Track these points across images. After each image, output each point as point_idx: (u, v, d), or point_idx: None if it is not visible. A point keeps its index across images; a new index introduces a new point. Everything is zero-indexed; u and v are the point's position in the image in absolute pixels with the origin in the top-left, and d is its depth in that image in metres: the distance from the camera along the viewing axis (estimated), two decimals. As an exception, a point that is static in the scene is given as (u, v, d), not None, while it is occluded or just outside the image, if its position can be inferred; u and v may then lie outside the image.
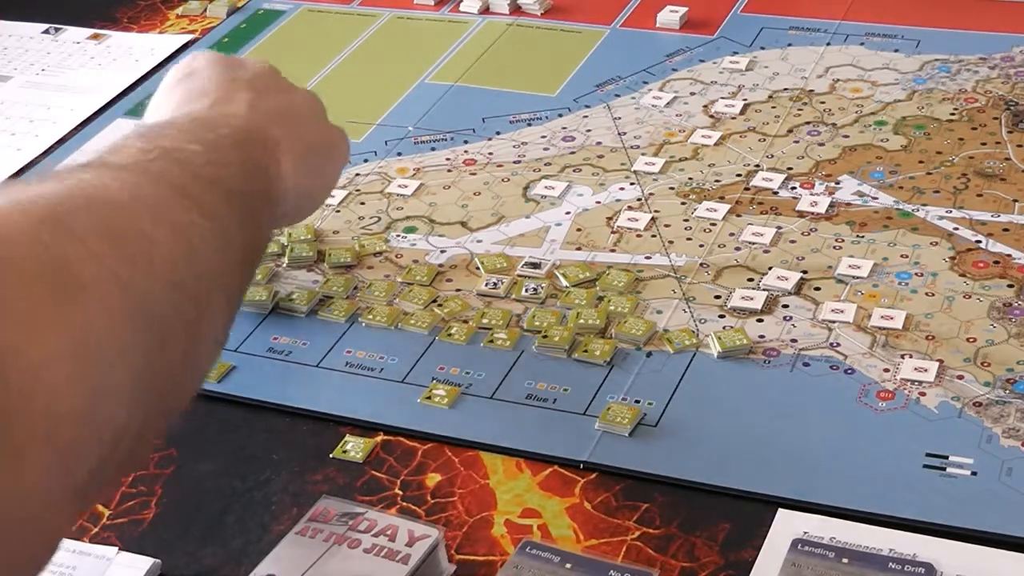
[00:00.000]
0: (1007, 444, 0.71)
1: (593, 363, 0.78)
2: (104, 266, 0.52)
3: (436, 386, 0.78)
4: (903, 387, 0.75)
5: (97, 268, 0.51)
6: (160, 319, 0.54)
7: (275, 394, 0.79)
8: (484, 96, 1.07)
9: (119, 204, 0.56)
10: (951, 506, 0.67)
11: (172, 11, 1.26)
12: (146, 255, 0.55)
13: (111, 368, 0.50)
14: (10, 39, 1.24)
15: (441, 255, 0.89)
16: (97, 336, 0.50)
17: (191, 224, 0.59)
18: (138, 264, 0.54)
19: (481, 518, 0.70)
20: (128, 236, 0.55)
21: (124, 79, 1.15)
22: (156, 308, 0.54)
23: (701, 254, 0.87)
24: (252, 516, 0.71)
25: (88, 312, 0.50)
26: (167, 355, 0.55)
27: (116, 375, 0.50)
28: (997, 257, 0.84)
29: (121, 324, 0.51)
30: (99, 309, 0.50)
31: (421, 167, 0.99)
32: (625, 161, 0.97)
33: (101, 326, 0.50)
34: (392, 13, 1.21)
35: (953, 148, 0.95)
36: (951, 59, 1.06)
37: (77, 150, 1.05)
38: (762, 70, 1.07)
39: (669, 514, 0.69)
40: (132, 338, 0.52)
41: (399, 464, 0.73)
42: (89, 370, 0.49)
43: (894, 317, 0.79)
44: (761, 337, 0.79)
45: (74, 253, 0.51)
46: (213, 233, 0.60)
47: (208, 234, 0.60)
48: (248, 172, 0.68)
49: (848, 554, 0.64)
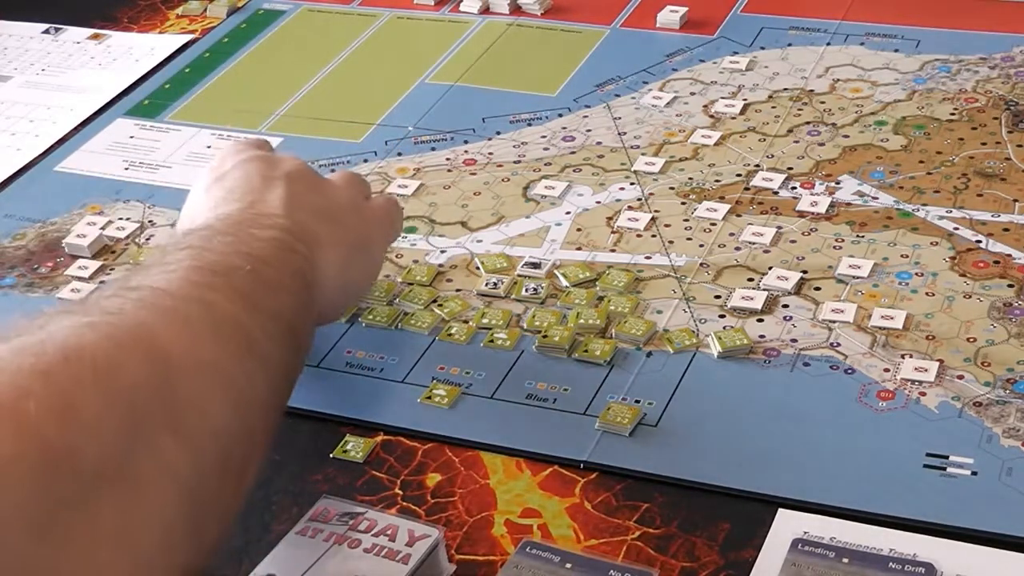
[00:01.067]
0: (1007, 444, 0.71)
1: (593, 363, 0.78)
2: (162, 461, 0.51)
3: (436, 386, 0.78)
4: (903, 387, 0.75)
5: (156, 464, 0.51)
6: (204, 504, 0.54)
7: (275, 394, 0.79)
8: (484, 96, 1.07)
9: (183, 370, 0.55)
10: (951, 506, 0.67)
11: (172, 11, 1.26)
12: (203, 434, 0.54)
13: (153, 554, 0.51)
14: (10, 39, 1.24)
15: (441, 255, 0.89)
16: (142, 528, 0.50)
17: (247, 377, 0.58)
18: (195, 454, 0.53)
19: (481, 518, 0.70)
20: (188, 418, 0.54)
21: (124, 79, 1.15)
22: (203, 494, 0.54)
23: (701, 254, 0.87)
24: (252, 516, 0.71)
25: (140, 508, 0.50)
26: (207, 532, 0.55)
27: (157, 559, 0.51)
28: (997, 257, 0.84)
29: (171, 518, 0.52)
30: (152, 506, 0.51)
31: (421, 167, 0.99)
32: (625, 161, 0.97)
33: (150, 521, 0.51)
34: (392, 13, 1.21)
35: (953, 148, 0.95)
36: (951, 59, 1.06)
37: (79, 149, 1.05)
38: (762, 70, 1.07)
39: (669, 514, 0.69)
40: (176, 526, 0.52)
41: (399, 464, 0.73)
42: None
43: (894, 317, 0.79)
44: (761, 337, 0.79)
45: (141, 451, 0.51)
46: (266, 379, 0.60)
47: (261, 382, 0.60)
48: (296, 284, 0.67)
49: (848, 554, 0.64)
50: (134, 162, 1.03)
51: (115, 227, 0.95)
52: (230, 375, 0.58)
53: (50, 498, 0.47)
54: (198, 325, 0.58)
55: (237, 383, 0.58)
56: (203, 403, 0.55)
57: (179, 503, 0.52)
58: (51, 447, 0.48)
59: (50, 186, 1.01)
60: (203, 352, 0.57)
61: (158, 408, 0.53)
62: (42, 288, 0.90)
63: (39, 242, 0.94)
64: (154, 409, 0.52)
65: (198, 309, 0.59)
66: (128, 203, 0.98)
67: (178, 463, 0.52)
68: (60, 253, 0.93)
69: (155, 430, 0.52)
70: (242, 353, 0.59)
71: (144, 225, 0.95)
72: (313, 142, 1.02)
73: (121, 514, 0.49)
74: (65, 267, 0.91)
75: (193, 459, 0.53)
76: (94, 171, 1.02)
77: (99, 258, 0.92)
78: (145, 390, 0.53)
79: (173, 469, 0.52)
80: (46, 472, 0.47)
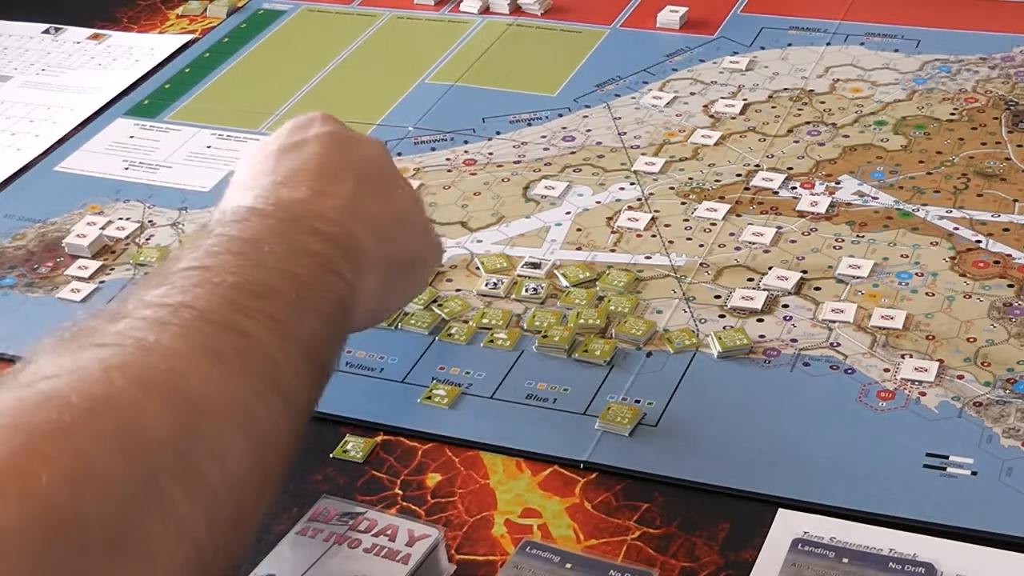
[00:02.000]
0: (1007, 444, 0.71)
1: (593, 363, 0.78)
2: (174, 521, 0.50)
3: (436, 386, 0.78)
4: (903, 387, 0.75)
5: (167, 526, 0.50)
6: (215, 556, 0.53)
7: (275, 394, 0.79)
8: (484, 96, 1.07)
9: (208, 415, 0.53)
10: (951, 506, 0.67)
11: (172, 11, 1.26)
12: (220, 487, 0.53)
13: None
14: (10, 39, 1.24)
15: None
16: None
17: (271, 418, 0.56)
18: (209, 508, 0.52)
19: (481, 518, 0.70)
20: (207, 470, 0.52)
21: (124, 79, 1.15)
22: (215, 547, 0.52)
23: (701, 254, 0.87)
24: (252, 516, 0.71)
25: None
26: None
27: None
28: (997, 257, 0.84)
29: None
30: (161, 573, 0.50)
31: (421, 167, 0.99)
32: (625, 161, 0.97)
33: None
34: (392, 13, 1.21)
35: (953, 148, 0.95)
36: (951, 59, 1.06)
37: (79, 149, 1.05)
38: (762, 70, 1.07)
39: (669, 514, 0.69)
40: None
41: (399, 464, 0.73)
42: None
43: (894, 317, 0.79)
44: (761, 337, 0.79)
45: (152, 512, 0.49)
46: (289, 419, 0.58)
47: (284, 423, 0.57)
48: (334, 314, 0.63)
49: (848, 554, 0.64)
50: (134, 162, 1.03)
51: (115, 227, 0.95)
52: (256, 416, 0.56)
53: (54, 571, 0.46)
54: (231, 359, 0.55)
55: (262, 425, 0.56)
56: (224, 450, 0.53)
57: (188, 562, 0.51)
58: (59, 515, 0.46)
59: (50, 186, 1.01)
60: (231, 390, 0.55)
61: (177, 463, 0.51)
62: (42, 288, 0.90)
63: (39, 242, 0.94)
64: (172, 464, 0.51)
65: (233, 340, 0.56)
66: (128, 203, 0.98)
67: (191, 520, 0.51)
68: (60, 253, 0.93)
69: (170, 485, 0.50)
70: (270, 391, 0.57)
71: (144, 225, 0.95)
72: (313, 142, 1.02)
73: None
74: (65, 267, 0.91)
75: (206, 513, 0.52)
76: (94, 171, 1.02)
77: (99, 258, 0.92)
78: (167, 444, 0.51)
79: (185, 528, 0.50)
80: (52, 544, 0.46)
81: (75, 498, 0.47)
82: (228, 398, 0.54)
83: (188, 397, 0.53)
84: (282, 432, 0.57)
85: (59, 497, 0.46)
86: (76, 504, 0.47)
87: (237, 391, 0.55)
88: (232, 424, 0.54)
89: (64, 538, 0.46)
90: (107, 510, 0.48)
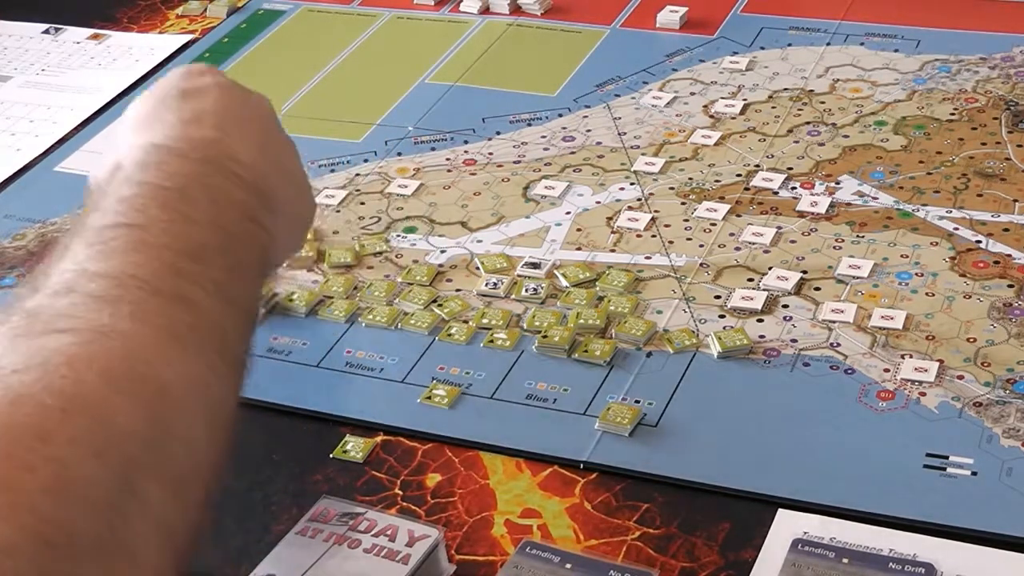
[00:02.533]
0: (1007, 444, 0.71)
1: (593, 363, 0.78)
2: (151, 515, 0.50)
3: (436, 386, 0.78)
4: (903, 387, 0.75)
5: (144, 521, 0.50)
6: (187, 538, 0.52)
7: (275, 394, 0.79)
8: (484, 96, 1.07)
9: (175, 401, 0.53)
10: (951, 506, 0.67)
11: (172, 11, 1.26)
12: (187, 472, 0.53)
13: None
14: (10, 39, 1.24)
15: (441, 255, 0.89)
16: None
17: (223, 387, 0.56)
18: (180, 495, 0.52)
19: (481, 518, 0.70)
20: (175, 456, 0.52)
21: (124, 79, 1.15)
22: (186, 529, 0.52)
23: (701, 254, 0.87)
24: (252, 516, 0.71)
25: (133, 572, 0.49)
26: (185, 555, 0.53)
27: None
28: (997, 257, 0.84)
29: (159, 567, 0.50)
30: (144, 566, 0.49)
31: (421, 167, 0.99)
32: (625, 161, 0.97)
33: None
34: (392, 13, 1.21)
35: (953, 148, 0.95)
36: (951, 59, 1.06)
37: (79, 149, 1.05)
38: (762, 70, 1.07)
39: (669, 514, 0.69)
40: (164, 571, 0.51)
41: (399, 464, 0.73)
42: None
43: (894, 317, 0.79)
44: (761, 337, 0.79)
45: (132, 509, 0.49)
46: (236, 385, 0.58)
47: (231, 390, 0.57)
48: (259, 266, 0.63)
49: (848, 554, 0.64)
50: (134, 162, 1.03)
51: (115, 227, 0.94)
52: (211, 391, 0.55)
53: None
54: (186, 337, 0.55)
55: (216, 398, 0.55)
56: (190, 434, 0.53)
57: (164, 550, 0.50)
58: (46, 528, 0.46)
59: (50, 186, 1.01)
60: (191, 369, 0.54)
61: (147, 456, 0.51)
62: (42, 288, 0.90)
63: (39, 242, 0.94)
64: (143, 459, 0.50)
65: (182, 313, 0.56)
66: (128, 203, 0.98)
67: (164, 510, 0.50)
68: (60, 253, 0.93)
69: (143, 481, 0.50)
70: (221, 361, 0.56)
71: (144, 225, 0.95)
72: (313, 142, 1.02)
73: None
74: (65, 267, 0.91)
75: (177, 501, 0.52)
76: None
77: (99, 258, 0.92)
78: (138, 439, 0.50)
79: (160, 519, 0.50)
80: (42, 557, 0.45)
81: (59, 509, 0.46)
82: (189, 379, 0.54)
83: (155, 387, 0.52)
84: (230, 402, 0.57)
85: (44, 509, 0.46)
86: (60, 514, 0.46)
87: (195, 369, 0.55)
88: (194, 405, 0.54)
89: (53, 550, 0.45)
90: (88, 516, 0.47)
